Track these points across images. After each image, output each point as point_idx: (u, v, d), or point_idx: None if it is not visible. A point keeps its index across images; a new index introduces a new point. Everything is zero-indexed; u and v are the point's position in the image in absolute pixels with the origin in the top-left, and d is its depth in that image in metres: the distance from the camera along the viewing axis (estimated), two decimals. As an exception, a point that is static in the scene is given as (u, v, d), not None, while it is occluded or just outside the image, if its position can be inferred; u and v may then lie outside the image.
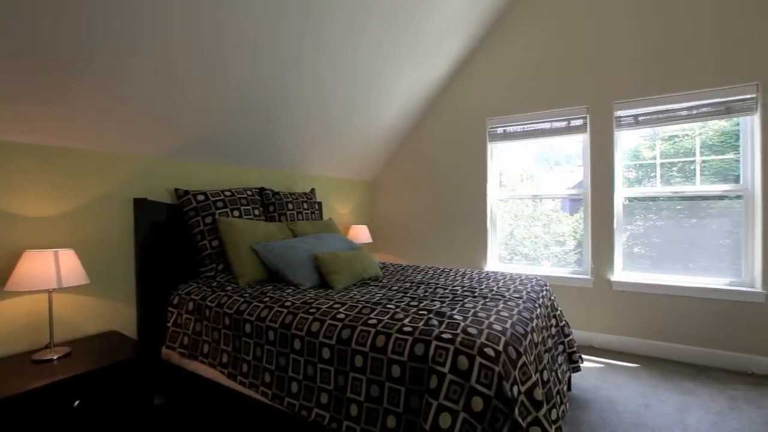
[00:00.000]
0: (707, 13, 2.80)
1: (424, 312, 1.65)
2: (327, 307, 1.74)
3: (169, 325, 2.12)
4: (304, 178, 3.54)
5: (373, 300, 1.87)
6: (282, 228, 2.67)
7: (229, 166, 2.83)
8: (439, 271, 2.68)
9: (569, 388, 2.45)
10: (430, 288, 2.14)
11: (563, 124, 3.39)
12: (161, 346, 2.14)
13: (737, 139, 2.87)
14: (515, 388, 1.32)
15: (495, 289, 2.09)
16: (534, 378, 1.40)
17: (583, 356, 2.92)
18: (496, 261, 3.77)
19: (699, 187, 2.97)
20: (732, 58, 2.74)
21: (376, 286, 2.25)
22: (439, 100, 3.93)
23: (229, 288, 2.10)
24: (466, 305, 1.76)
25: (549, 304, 2.19)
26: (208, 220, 2.37)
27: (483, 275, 2.53)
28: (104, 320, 2.10)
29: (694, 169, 3.01)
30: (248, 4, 1.99)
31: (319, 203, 3.51)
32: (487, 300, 1.86)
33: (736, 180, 2.86)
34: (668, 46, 2.93)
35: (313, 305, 1.77)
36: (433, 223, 4.01)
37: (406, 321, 1.55)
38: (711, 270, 2.92)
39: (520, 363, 1.39)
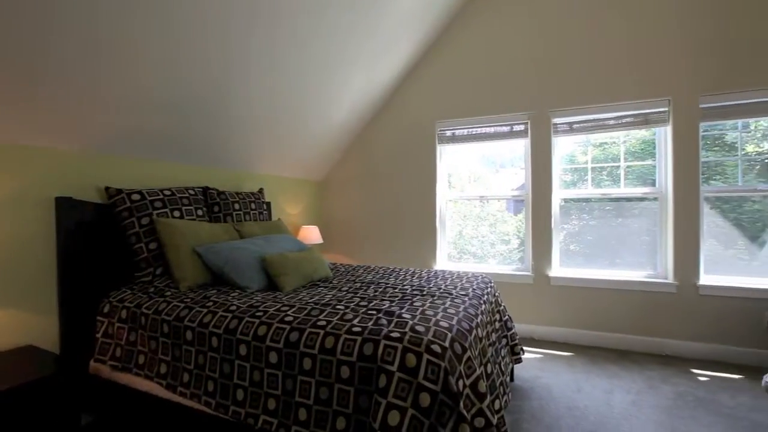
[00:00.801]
0: (629, 34, 3.10)
1: (374, 312, 1.66)
2: (275, 310, 1.69)
3: (98, 336, 1.95)
4: (252, 178, 3.42)
5: (323, 301, 1.85)
6: (227, 229, 2.56)
7: (170, 163, 2.66)
8: (389, 271, 2.71)
9: (512, 379, 2.59)
10: (380, 288, 2.17)
11: (507, 128, 3.59)
12: (89, 360, 1.96)
13: (654, 147, 3.22)
14: (461, 382, 1.38)
15: (443, 287, 2.16)
16: (478, 371, 1.47)
17: (525, 348, 3.10)
18: (445, 260, 3.89)
19: (623, 189, 3.29)
20: (649, 75, 3.06)
21: (326, 287, 2.23)
22: (390, 101, 3.98)
23: (169, 293, 1.97)
24: (414, 304, 1.80)
25: (493, 300, 2.30)
26: (145, 221, 2.20)
27: (432, 274, 2.60)
28: (18, 334, 1.87)
29: (620, 173, 3.33)
30: (197, 1, 1.88)
31: (268, 203, 3.40)
32: (435, 298, 1.91)
33: (653, 183, 3.20)
34: (599, 63, 3.20)
35: (260, 308, 1.72)
36: (384, 223, 4.05)
37: (355, 321, 1.55)
38: (633, 264, 3.24)
39: (465, 357, 1.44)
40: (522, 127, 3.51)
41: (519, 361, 2.48)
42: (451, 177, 4.00)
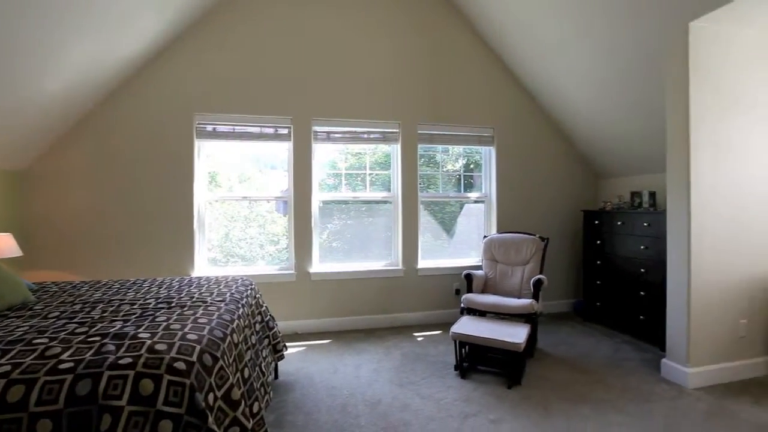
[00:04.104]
0: (377, 65, 3.73)
1: (97, 338, 1.34)
2: None
3: None
4: None
5: (12, 337, 1.34)
6: None
7: None
8: (128, 285, 2.25)
9: (276, 377, 2.64)
10: (112, 306, 1.77)
11: (272, 130, 3.63)
12: None
13: (389, 160, 3.99)
14: (211, 395, 1.29)
15: (196, 295, 1.97)
16: (232, 379, 1.42)
17: (289, 343, 3.23)
18: (205, 265, 3.56)
19: (369, 193, 3.92)
20: (388, 101, 3.78)
21: (20, 317, 1.63)
22: (138, 82, 3.30)
23: None
24: (157, 319, 1.56)
25: (254, 302, 2.28)
26: None
27: (185, 282, 2.33)
28: None
29: (370, 179, 3.95)
30: None
31: None
32: (185, 309, 1.72)
33: (389, 189, 3.97)
34: (354, 83, 3.70)
35: None
36: (126, 228, 3.33)
37: (64, 356, 1.20)
38: (378, 256, 3.92)
39: (217, 368, 1.36)
40: (286, 131, 3.64)
41: (281, 358, 2.55)
42: (217, 176, 3.71)
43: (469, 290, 3.29)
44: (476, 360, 2.87)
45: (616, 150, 3.87)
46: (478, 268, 3.74)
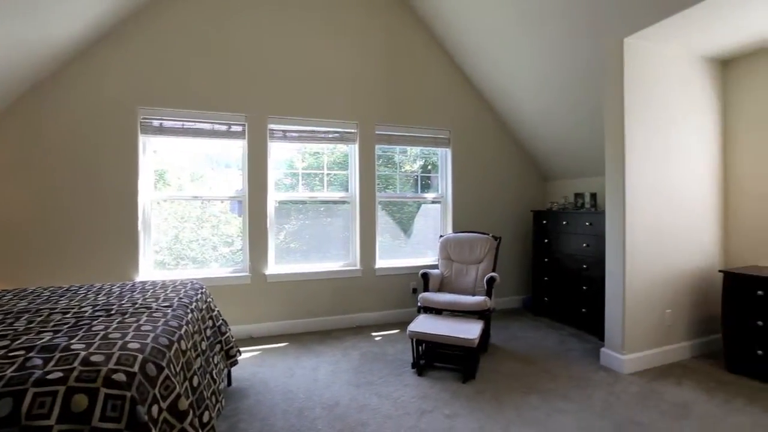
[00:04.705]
0: (336, 65, 3.69)
1: (20, 352, 1.22)
2: None
3: None
4: None
5: None
6: None
7: None
8: (60, 292, 2.06)
9: (229, 384, 2.54)
10: (40, 316, 1.61)
11: (225, 127, 3.48)
12: None
13: (347, 160, 3.97)
14: (155, 407, 1.22)
15: (140, 301, 1.85)
16: (179, 389, 1.34)
17: (243, 349, 3.12)
18: (152, 269, 3.35)
19: (326, 193, 3.88)
20: (346, 102, 3.76)
21: (-75, 331, 1.44)
22: (73, 69, 3.02)
23: None
24: (94, 328, 1.44)
25: (204, 306, 2.18)
26: None
27: (128, 287, 2.18)
28: None
29: (328, 179, 3.90)
30: None
31: None
32: (127, 316, 1.61)
33: (347, 189, 3.95)
34: (312, 82, 3.63)
35: None
36: (59, 230, 3.04)
37: (-20, 373, 1.08)
38: (337, 257, 3.89)
39: (162, 378, 1.28)
40: (240, 128, 3.50)
41: (235, 363, 2.45)
42: (166, 174, 3.49)
43: (426, 289, 3.36)
44: (433, 357, 2.94)
45: (562, 154, 4.12)
46: (435, 267, 3.83)
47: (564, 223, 3.80)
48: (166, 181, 3.53)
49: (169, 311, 1.72)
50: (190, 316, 1.81)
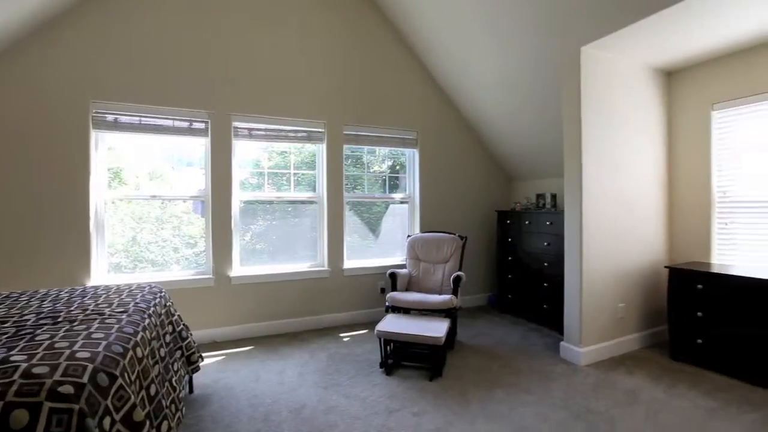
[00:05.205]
0: (301, 63, 3.63)
1: (-49, 366, 1.11)
2: None
3: None
4: None
5: None
6: None
7: None
8: None
9: (191, 391, 2.44)
10: (-24, 326, 1.48)
11: (186, 124, 3.34)
12: None
13: (315, 159, 3.93)
14: (107, 420, 1.15)
15: (92, 307, 1.74)
16: (134, 399, 1.28)
17: (206, 354, 3.01)
18: (106, 273, 3.16)
19: (293, 193, 3.82)
20: (314, 101, 3.71)
21: None
22: (15, 54, 2.79)
23: None
24: (37, 338, 1.34)
25: (163, 311, 2.08)
26: None
27: (78, 293, 2.04)
28: None
29: (296, 179, 3.84)
30: None
31: None
32: (76, 323, 1.51)
33: (315, 189, 3.90)
34: (278, 80, 3.55)
35: None
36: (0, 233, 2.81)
37: None
38: (304, 257, 3.83)
39: (115, 388, 1.22)
40: (203, 126, 3.38)
41: (197, 369, 2.36)
42: (122, 172, 3.30)
43: (394, 289, 3.38)
44: (401, 356, 2.96)
45: (525, 155, 4.28)
46: (403, 266, 3.86)
47: (526, 222, 3.95)
48: (123, 179, 3.34)
49: (124, 317, 1.63)
50: (147, 321, 1.73)
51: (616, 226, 3.04)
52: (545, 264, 3.69)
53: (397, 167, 4.40)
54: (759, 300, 2.48)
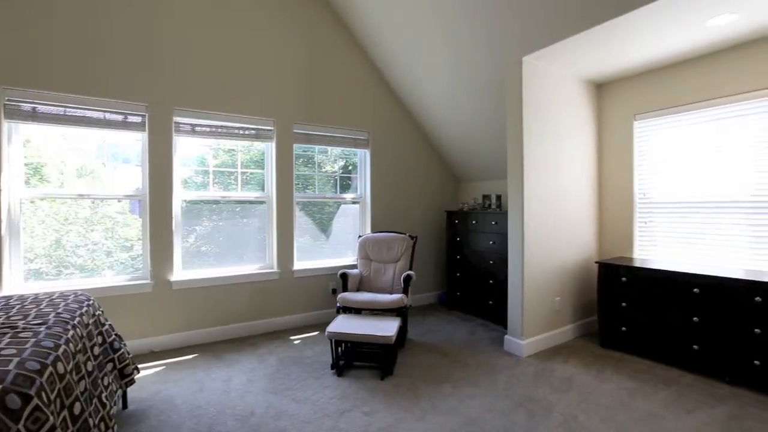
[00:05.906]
0: (250, 57, 3.50)
1: None
2: None
3: None
4: None
5: None
6: None
7: None
8: None
9: (125, 406, 2.27)
10: None
11: (119, 117, 3.08)
12: None
13: (264, 158, 3.80)
14: (21, 445, 1.03)
15: (2, 320, 1.55)
16: (54, 420, 1.16)
17: (142, 365, 2.82)
18: (23, 281, 2.83)
19: (241, 193, 3.67)
20: (263, 97, 3.59)
21: None
22: None
23: None
24: (-68, 358, 1.17)
25: (91, 321, 1.91)
26: None
27: (-14, 305, 1.81)
28: None
29: (244, 178, 3.69)
30: None
31: None
32: (-18, 340, 1.34)
33: (264, 189, 3.78)
34: (224, 74, 3.39)
35: None
36: None
37: None
38: (253, 259, 3.69)
39: (29, 410, 1.10)
40: (139, 119, 3.14)
41: (131, 383, 2.19)
42: (43, 168, 2.96)
43: (345, 289, 3.37)
44: (353, 356, 2.96)
45: (471, 157, 4.45)
46: (354, 267, 3.86)
47: (473, 222, 4.12)
48: (44, 176, 3.01)
49: (42, 329, 1.47)
50: (71, 333, 1.57)
51: (554, 226, 3.27)
52: (491, 262, 3.86)
53: (350, 167, 4.39)
54: (672, 290, 2.79)
